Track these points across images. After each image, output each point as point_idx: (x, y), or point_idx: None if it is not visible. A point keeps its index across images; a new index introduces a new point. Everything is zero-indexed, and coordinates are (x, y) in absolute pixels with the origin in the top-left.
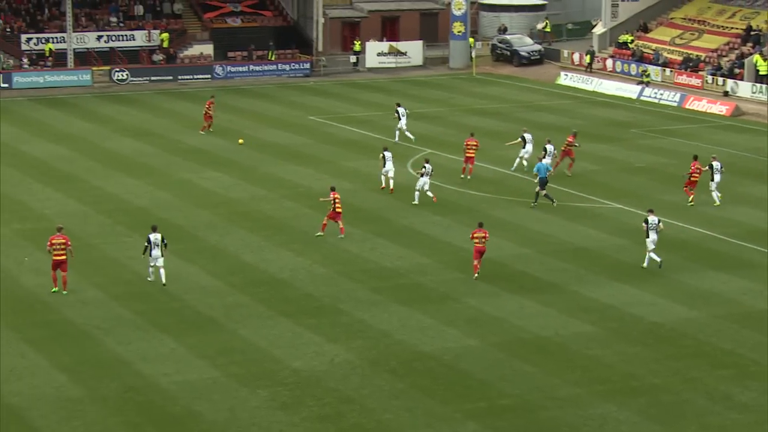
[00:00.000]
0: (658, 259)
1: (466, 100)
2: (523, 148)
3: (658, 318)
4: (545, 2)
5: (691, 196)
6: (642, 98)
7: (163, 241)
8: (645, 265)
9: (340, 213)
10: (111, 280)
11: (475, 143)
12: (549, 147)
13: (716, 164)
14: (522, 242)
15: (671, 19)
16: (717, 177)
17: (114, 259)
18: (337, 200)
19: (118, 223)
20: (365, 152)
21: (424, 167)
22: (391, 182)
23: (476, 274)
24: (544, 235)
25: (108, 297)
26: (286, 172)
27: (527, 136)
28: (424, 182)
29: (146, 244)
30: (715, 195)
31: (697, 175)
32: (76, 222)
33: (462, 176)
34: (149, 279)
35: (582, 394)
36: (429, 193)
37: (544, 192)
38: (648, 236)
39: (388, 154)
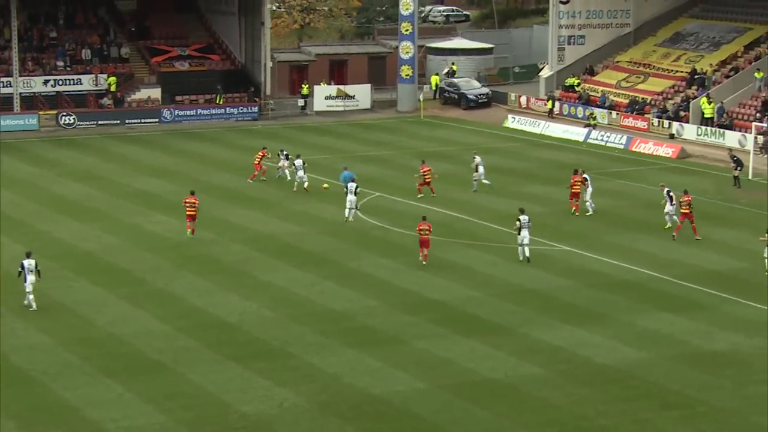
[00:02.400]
0: (526, 256)
1: (413, 142)
2: (477, 171)
3: (606, 359)
4: (492, 46)
5: (574, 208)
6: (589, 141)
7: (36, 267)
8: (522, 258)
9: None
10: (58, 324)
11: (428, 169)
12: (477, 158)
13: (665, 191)
14: (471, 285)
15: (617, 62)
16: (669, 205)
17: (61, 303)
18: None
19: (64, 267)
20: (313, 195)
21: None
22: (352, 213)
23: (425, 262)
24: (493, 277)
25: (55, 342)
26: (235, 216)
27: (477, 158)
28: None
29: (20, 269)
30: (668, 218)
31: (578, 186)
32: None
33: (420, 195)
34: (24, 303)
35: None
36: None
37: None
38: (519, 233)
39: (351, 186)
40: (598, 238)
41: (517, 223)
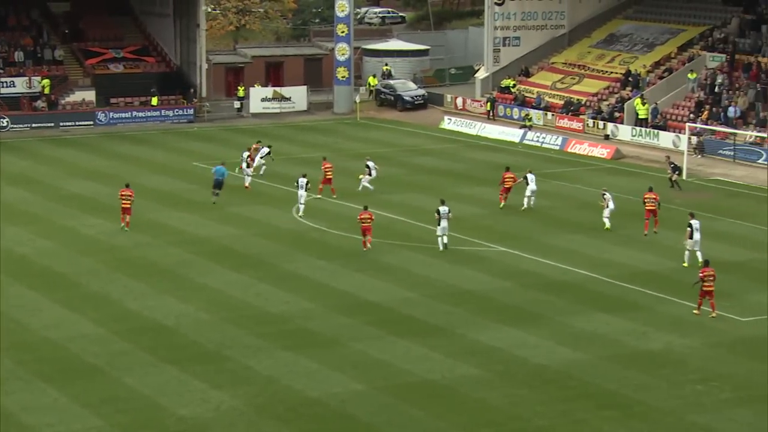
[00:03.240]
0: (444, 243)
1: (350, 144)
2: (369, 175)
3: (543, 360)
4: (428, 47)
5: (503, 202)
6: (525, 142)
7: None
8: (441, 248)
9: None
10: None
11: (330, 166)
12: (370, 163)
13: (608, 195)
14: (408, 286)
15: (552, 63)
16: (611, 205)
17: None
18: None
19: None
20: (249, 197)
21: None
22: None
23: (367, 247)
24: (429, 278)
25: None
26: (170, 219)
27: (370, 164)
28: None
29: None
30: (606, 220)
31: (510, 182)
32: None
33: (318, 196)
34: None
35: None
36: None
37: (216, 192)
38: (439, 224)
39: (302, 181)
40: (534, 238)
41: (437, 214)
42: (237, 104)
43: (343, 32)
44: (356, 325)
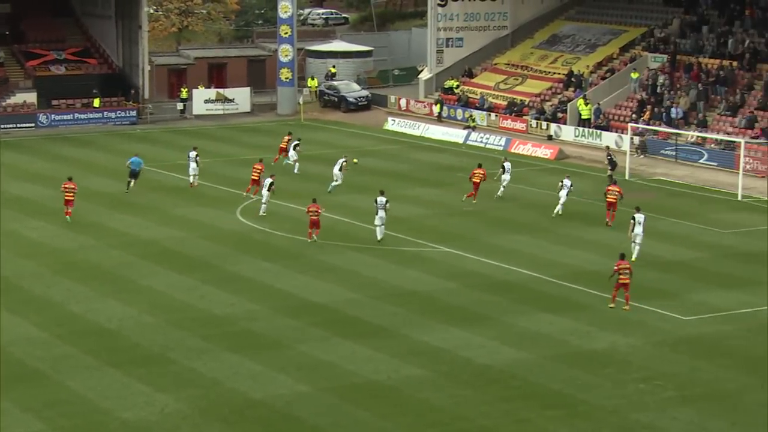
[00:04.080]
0: (381, 236)
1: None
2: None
3: (487, 360)
4: (371, 48)
5: (472, 197)
6: (468, 143)
7: None
8: (379, 238)
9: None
10: None
11: (261, 167)
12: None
13: (567, 181)
14: (353, 287)
15: (495, 64)
16: (564, 192)
17: None
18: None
19: None
20: (193, 199)
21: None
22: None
23: (312, 239)
24: (374, 279)
25: None
26: (114, 221)
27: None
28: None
29: None
30: (559, 208)
31: (477, 177)
32: None
33: (245, 194)
34: None
35: None
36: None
37: (130, 181)
38: (377, 214)
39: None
40: (479, 239)
41: (375, 204)
42: (180, 106)
43: (286, 33)
44: (301, 327)
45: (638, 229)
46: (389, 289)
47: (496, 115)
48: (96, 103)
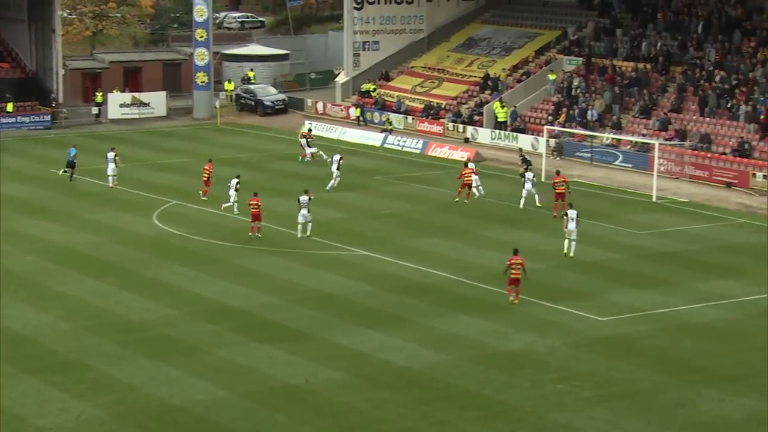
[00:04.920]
0: (303, 234)
1: (211, 150)
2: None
3: (406, 362)
4: (288, 52)
5: (459, 198)
6: (386, 146)
7: None
8: (307, 234)
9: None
10: None
11: (210, 168)
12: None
13: (529, 174)
14: (270, 291)
15: (412, 67)
16: (529, 185)
17: None
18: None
19: None
20: (109, 204)
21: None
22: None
23: (259, 235)
24: (291, 283)
25: None
26: (28, 226)
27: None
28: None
29: None
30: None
31: (468, 178)
32: None
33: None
34: None
35: None
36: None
37: (71, 171)
38: (300, 211)
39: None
40: (396, 242)
41: (297, 203)
42: (95, 110)
43: (201, 37)
44: (219, 331)
45: (571, 225)
46: (307, 293)
47: (413, 118)
48: (9, 107)
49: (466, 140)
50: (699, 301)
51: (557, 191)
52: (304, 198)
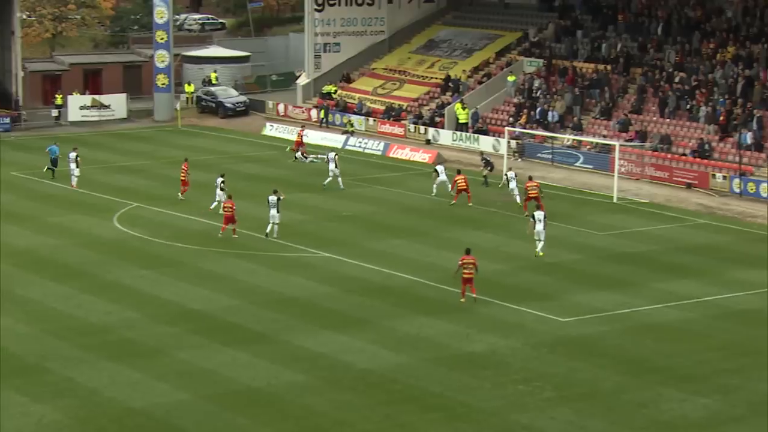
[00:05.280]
0: (275, 235)
1: (172, 152)
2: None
3: (368, 364)
4: (249, 54)
5: (455, 201)
6: (347, 147)
7: None
8: (275, 236)
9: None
10: None
11: (186, 167)
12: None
13: (511, 173)
14: (232, 293)
15: (373, 69)
16: (513, 184)
17: None
18: None
19: None
20: (69, 207)
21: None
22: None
23: (224, 229)
24: (253, 285)
25: None
26: None
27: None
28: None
29: None
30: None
31: (462, 183)
32: None
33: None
34: None
35: None
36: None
37: (53, 168)
38: (270, 212)
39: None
40: (358, 244)
41: (267, 203)
42: (55, 112)
43: (162, 39)
44: (180, 334)
45: (539, 226)
46: (269, 295)
47: (375, 120)
48: None
49: (428, 142)
50: (660, 302)
51: (530, 195)
52: (272, 198)
